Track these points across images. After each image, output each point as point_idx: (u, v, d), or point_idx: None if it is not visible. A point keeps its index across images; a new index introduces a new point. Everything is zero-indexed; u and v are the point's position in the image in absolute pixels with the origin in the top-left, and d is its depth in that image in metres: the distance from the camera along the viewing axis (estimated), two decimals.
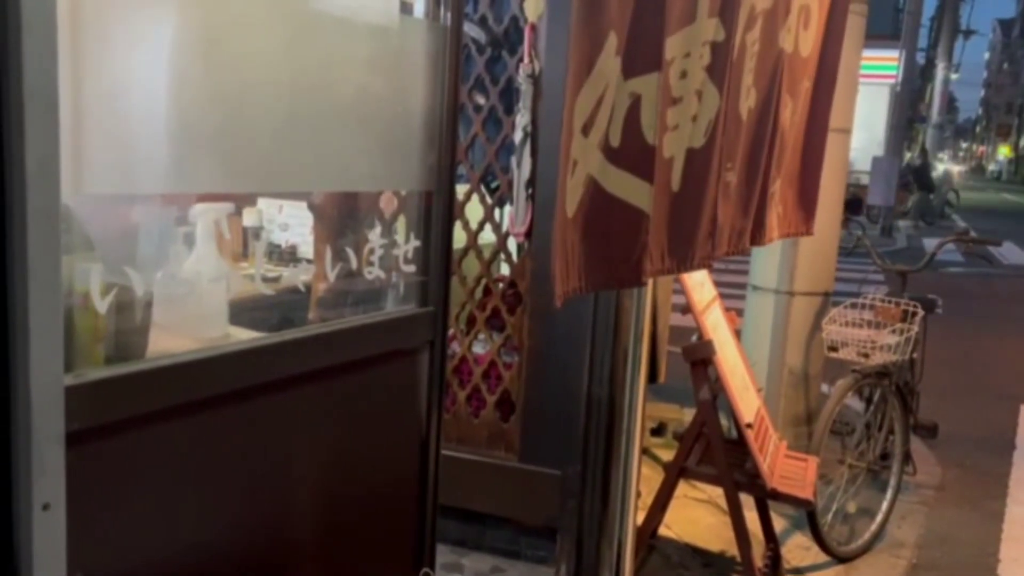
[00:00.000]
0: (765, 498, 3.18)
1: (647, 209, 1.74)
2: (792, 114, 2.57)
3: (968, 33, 31.06)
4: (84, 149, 1.14)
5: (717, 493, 3.60)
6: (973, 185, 46.64)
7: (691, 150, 1.91)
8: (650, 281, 2.44)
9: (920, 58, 26.16)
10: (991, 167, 70.79)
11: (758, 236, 2.45)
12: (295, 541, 1.63)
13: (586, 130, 1.58)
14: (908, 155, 27.11)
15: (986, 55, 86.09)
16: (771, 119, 2.33)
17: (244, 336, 1.59)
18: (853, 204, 15.61)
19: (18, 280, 1.03)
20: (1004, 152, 66.33)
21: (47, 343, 1.06)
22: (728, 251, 2.24)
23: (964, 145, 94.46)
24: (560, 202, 1.57)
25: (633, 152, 1.70)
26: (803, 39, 2.52)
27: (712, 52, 1.88)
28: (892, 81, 18.36)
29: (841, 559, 3.48)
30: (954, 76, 26.77)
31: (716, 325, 3.21)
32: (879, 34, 15.97)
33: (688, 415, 4.34)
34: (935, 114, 23.11)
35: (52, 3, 1.03)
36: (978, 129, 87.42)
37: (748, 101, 2.16)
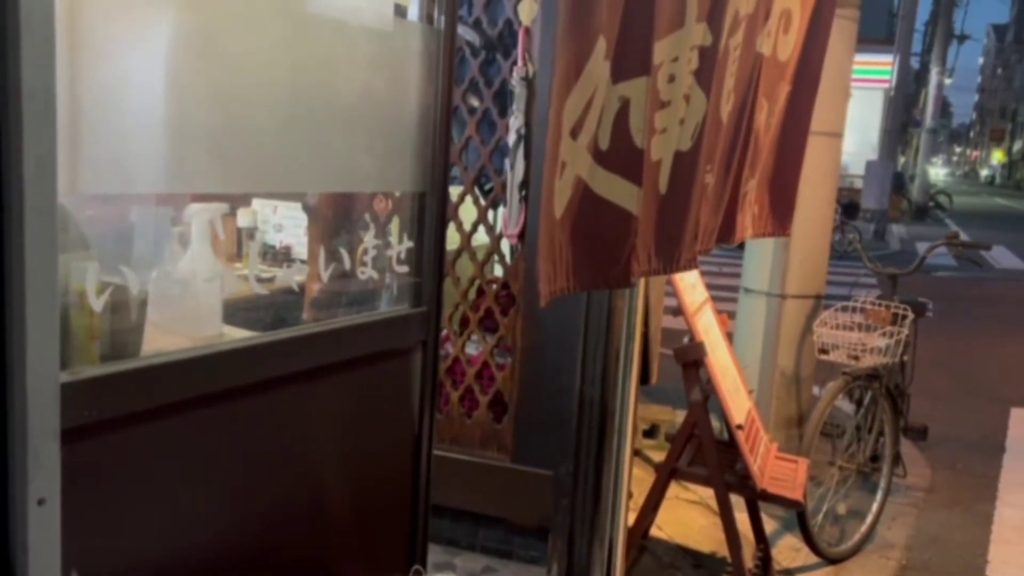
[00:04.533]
0: (756, 499, 3.20)
1: (635, 211, 1.76)
2: (768, 117, 2.60)
3: (962, 38, 31.13)
4: (81, 148, 1.15)
5: (708, 494, 3.61)
6: (966, 189, 46.75)
7: (678, 153, 1.93)
8: (642, 283, 2.46)
9: (914, 63, 26.26)
10: (984, 172, 71.03)
11: (727, 234, 2.46)
12: (287, 539, 1.64)
13: (575, 133, 1.59)
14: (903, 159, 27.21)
15: (980, 60, 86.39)
16: (746, 122, 2.35)
17: (238, 335, 1.61)
18: (850, 209, 15.70)
19: (15, 278, 1.04)
20: (998, 157, 66.57)
21: (43, 340, 1.07)
22: (700, 250, 2.26)
23: (958, 150, 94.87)
24: (547, 203, 1.58)
25: (622, 155, 1.71)
26: (782, 43, 2.54)
27: (700, 56, 1.90)
28: (886, 85, 18.44)
29: (831, 560, 3.50)
30: (948, 81, 26.86)
31: (708, 327, 3.23)
32: (873, 38, 16.06)
33: (680, 417, 4.35)
34: (929, 118, 23.17)
35: (51, 3, 1.04)
36: (972, 134, 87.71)
37: (728, 105, 2.19)
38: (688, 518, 3.75)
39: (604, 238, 1.75)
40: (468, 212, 3.15)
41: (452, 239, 2.74)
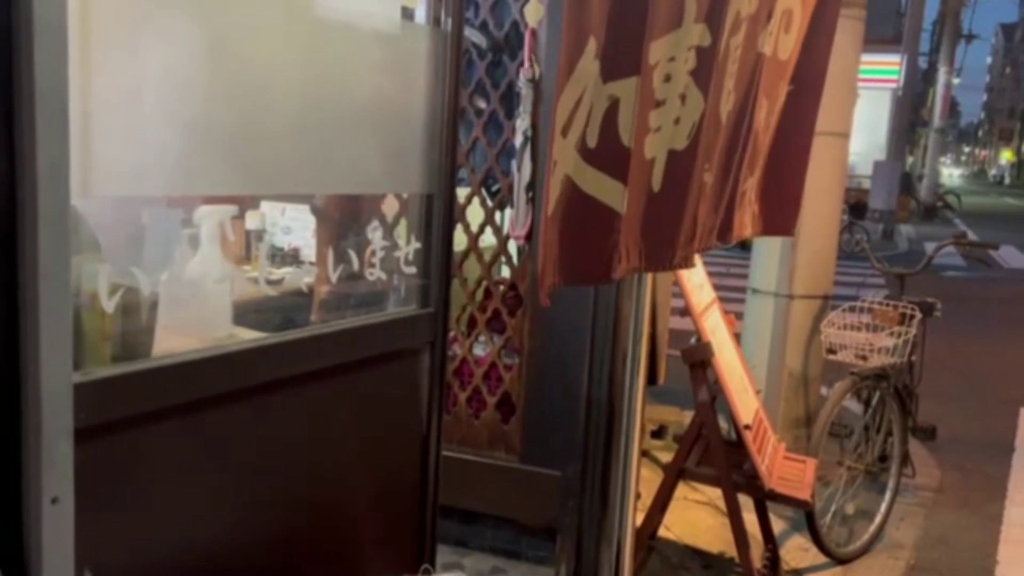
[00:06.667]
0: (764, 499, 3.20)
1: (619, 209, 1.76)
2: (768, 116, 2.59)
3: (970, 37, 31.06)
4: (93, 151, 1.16)
5: (716, 494, 3.62)
6: (975, 189, 46.55)
7: (673, 152, 1.93)
8: (648, 284, 2.47)
9: (922, 62, 26.19)
10: (992, 171, 70.75)
11: (726, 233, 2.46)
12: (297, 539, 1.65)
13: (565, 131, 1.60)
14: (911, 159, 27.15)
15: (988, 59, 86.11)
16: (746, 121, 2.35)
17: (248, 336, 1.62)
18: (858, 209, 15.67)
19: (29, 280, 1.05)
20: (1006, 156, 66.32)
21: (57, 341, 1.08)
22: (698, 248, 2.26)
23: (966, 149, 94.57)
24: (544, 202, 1.61)
25: (609, 153, 1.72)
26: (783, 42, 2.53)
27: (697, 56, 1.90)
28: (894, 85, 18.38)
29: (840, 560, 3.50)
30: (956, 80, 26.81)
31: (715, 328, 3.23)
32: (880, 38, 16.00)
33: (688, 417, 4.35)
34: (937, 118, 23.12)
35: (63, 6, 1.05)
36: (980, 133, 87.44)
37: (727, 104, 2.19)
38: (696, 518, 3.75)
39: (589, 234, 1.75)
40: (475, 213, 3.16)
41: (459, 240, 2.75)
